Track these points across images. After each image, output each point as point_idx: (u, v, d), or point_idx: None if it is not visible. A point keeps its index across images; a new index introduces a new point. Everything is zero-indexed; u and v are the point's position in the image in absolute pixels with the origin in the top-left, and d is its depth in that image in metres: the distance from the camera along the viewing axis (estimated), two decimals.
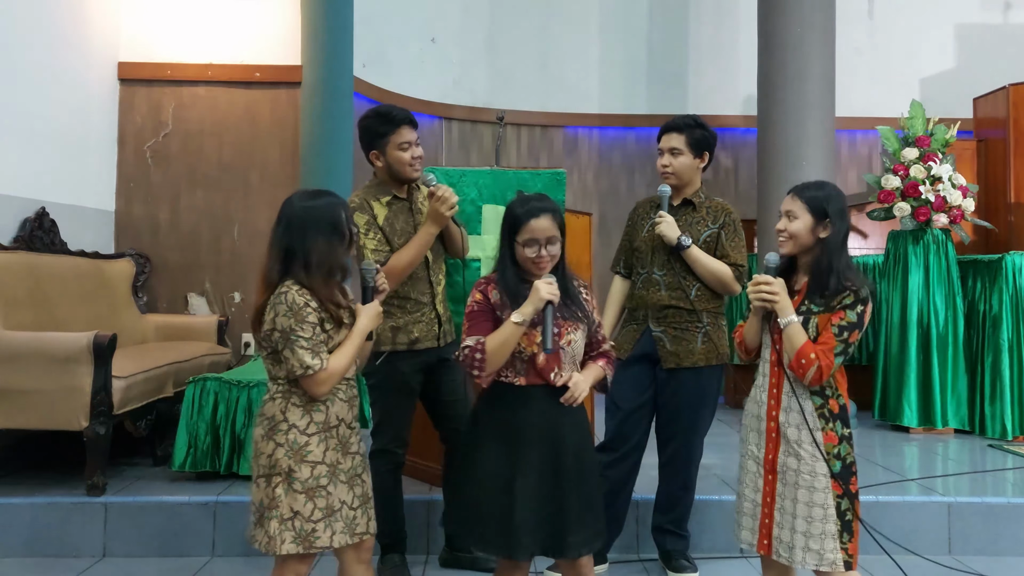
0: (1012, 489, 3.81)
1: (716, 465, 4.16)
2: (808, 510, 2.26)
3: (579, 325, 2.36)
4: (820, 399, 2.31)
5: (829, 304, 2.29)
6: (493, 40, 6.99)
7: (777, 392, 2.34)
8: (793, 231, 2.33)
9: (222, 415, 3.72)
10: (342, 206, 2.29)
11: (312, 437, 2.23)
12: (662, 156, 3.19)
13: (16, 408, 3.43)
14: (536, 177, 3.67)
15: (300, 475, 2.21)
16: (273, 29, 5.49)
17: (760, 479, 2.36)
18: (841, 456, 2.29)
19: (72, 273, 4.36)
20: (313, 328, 2.19)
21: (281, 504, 2.20)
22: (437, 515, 3.37)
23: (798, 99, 5.28)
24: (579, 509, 2.28)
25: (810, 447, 2.27)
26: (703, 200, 3.19)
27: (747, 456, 2.42)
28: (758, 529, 2.35)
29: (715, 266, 3.06)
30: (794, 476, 2.28)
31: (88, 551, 3.38)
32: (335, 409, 2.28)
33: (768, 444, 2.35)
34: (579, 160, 7.09)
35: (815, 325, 2.29)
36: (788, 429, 2.31)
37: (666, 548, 3.23)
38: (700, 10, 7.18)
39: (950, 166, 5.18)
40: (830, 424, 2.30)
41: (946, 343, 5.05)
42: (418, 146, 3.02)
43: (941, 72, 7.11)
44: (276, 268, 2.24)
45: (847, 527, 2.27)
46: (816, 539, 2.25)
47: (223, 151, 5.49)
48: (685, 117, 3.22)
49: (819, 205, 2.32)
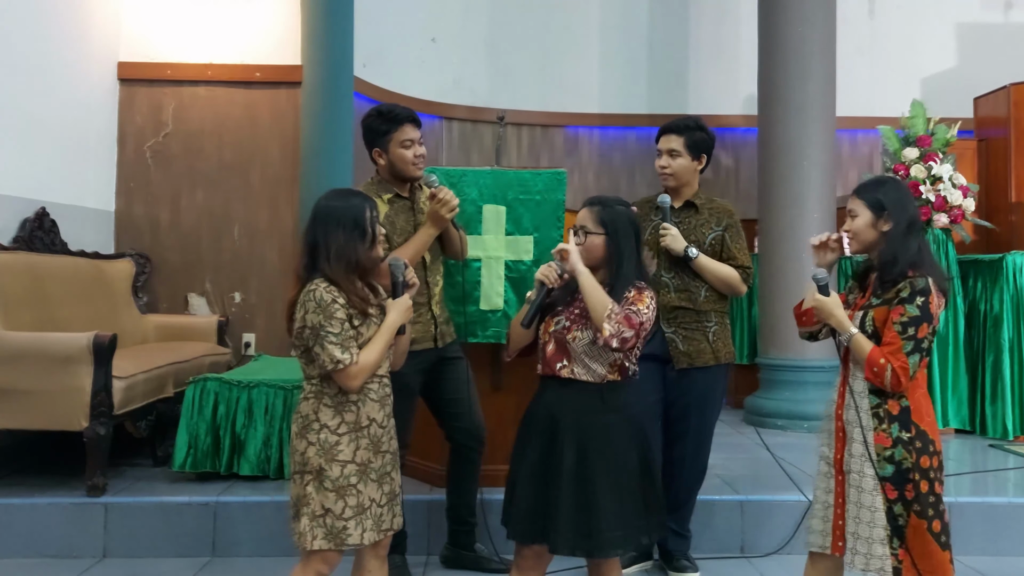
0: (1013, 489, 3.82)
1: (716, 465, 4.15)
2: (856, 510, 2.24)
3: (589, 325, 2.35)
4: (876, 399, 2.26)
5: (886, 297, 2.26)
6: (493, 40, 6.99)
7: (843, 390, 2.34)
8: (855, 229, 2.33)
9: (222, 415, 3.71)
10: (369, 207, 2.34)
11: (343, 437, 2.27)
12: (660, 157, 3.19)
13: (16, 408, 3.43)
14: (537, 177, 3.66)
15: (331, 474, 2.25)
16: (273, 29, 5.48)
17: (831, 479, 2.33)
18: (895, 460, 2.21)
19: (72, 273, 4.36)
20: (342, 324, 2.24)
21: (312, 501, 2.25)
22: (437, 515, 3.37)
23: (799, 99, 5.27)
24: (573, 509, 2.27)
25: (860, 446, 2.25)
26: (704, 202, 3.19)
27: (820, 457, 2.40)
28: (831, 531, 2.31)
29: (723, 272, 3.07)
30: (847, 473, 2.28)
31: (88, 552, 3.38)
32: (366, 409, 2.31)
33: (836, 443, 2.33)
34: (580, 160, 7.09)
35: (871, 319, 2.26)
36: (848, 427, 2.29)
37: (667, 548, 3.23)
38: (701, 10, 7.17)
39: (951, 166, 5.18)
40: (883, 425, 2.24)
41: (947, 343, 5.05)
42: (421, 145, 3.03)
43: (942, 72, 7.10)
44: (304, 263, 2.31)
45: (899, 533, 2.19)
46: (864, 541, 2.22)
47: (223, 151, 5.48)
48: (685, 119, 3.22)
49: (876, 199, 2.31)
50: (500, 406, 3.46)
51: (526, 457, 2.36)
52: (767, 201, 5.40)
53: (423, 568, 3.29)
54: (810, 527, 2.39)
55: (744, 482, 3.79)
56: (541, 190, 3.62)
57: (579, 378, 2.35)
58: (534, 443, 2.36)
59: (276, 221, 5.48)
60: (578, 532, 2.28)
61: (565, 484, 2.29)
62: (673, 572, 3.20)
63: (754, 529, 3.50)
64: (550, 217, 3.49)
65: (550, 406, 2.37)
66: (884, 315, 2.24)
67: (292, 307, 2.30)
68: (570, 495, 2.28)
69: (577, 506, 2.28)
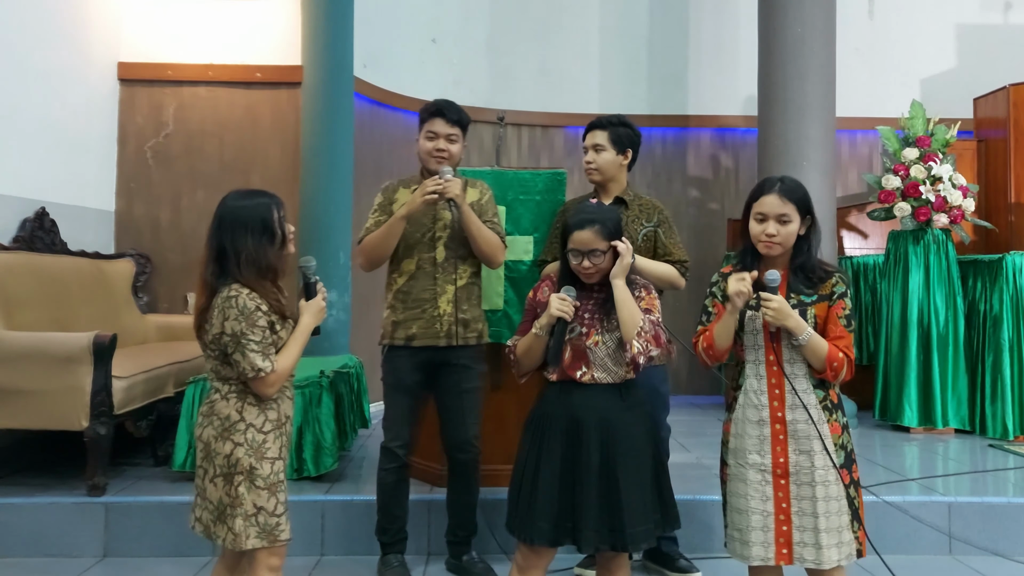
0: (1013, 489, 3.81)
1: (715, 465, 4.16)
2: (825, 505, 2.23)
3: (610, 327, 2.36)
4: (822, 391, 2.30)
5: (819, 292, 2.29)
6: (493, 40, 6.99)
7: (780, 392, 2.29)
8: (786, 235, 2.27)
9: None
10: (274, 206, 2.29)
11: (269, 435, 2.28)
12: (586, 153, 3.21)
13: (17, 408, 3.43)
14: (537, 177, 3.67)
15: (261, 472, 2.25)
16: (273, 29, 5.49)
17: (768, 487, 2.27)
18: (844, 445, 2.29)
19: (72, 273, 4.36)
20: (263, 331, 2.23)
21: (245, 501, 2.23)
22: (437, 515, 3.37)
23: (798, 99, 5.27)
24: (599, 507, 2.29)
25: (818, 442, 2.25)
26: (633, 198, 3.20)
27: (747, 467, 2.29)
28: (773, 541, 2.25)
29: (661, 270, 3.07)
30: (808, 474, 2.24)
31: (89, 551, 3.38)
32: (284, 407, 2.34)
33: (776, 448, 2.27)
34: (579, 160, 7.02)
35: (813, 315, 2.27)
36: (797, 427, 2.26)
37: (661, 551, 3.21)
38: (700, 10, 7.17)
39: (950, 166, 5.18)
40: (833, 415, 2.30)
41: (946, 343, 5.05)
42: (452, 142, 3.04)
43: (941, 72, 7.10)
44: (211, 268, 2.26)
45: (855, 515, 2.26)
46: (834, 533, 2.22)
47: (224, 151, 5.49)
48: (609, 116, 3.24)
49: (806, 204, 2.31)
50: (500, 406, 3.46)
51: (545, 461, 2.34)
52: None
53: (423, 568, 3.29)
54: (748, 542, 2.27)
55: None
56: (541, 190, 3.63)
57: (600, 382, 2.36)
58: (553, 446, 2.34)
59: None
60: (606, 528, 2.29)
61: (593, 484, 2.29)
62: (675, 574, 3.18)
63: None
64: (550, 217, 3.49)
65: (571, 409, 2.35)
66: (824, 311, 2.28)
67: (203, 313, 2.26)
68: (597, 494, 2.29)
69: (605, 504, 2.29)
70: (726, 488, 2.40)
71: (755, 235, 2.30)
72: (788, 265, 2.33)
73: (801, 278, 2.30)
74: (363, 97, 5.87)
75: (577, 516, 2.29)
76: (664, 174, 7.07)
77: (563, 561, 2.99)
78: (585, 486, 2.30)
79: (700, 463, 4.24)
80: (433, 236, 3.04)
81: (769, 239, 2.27)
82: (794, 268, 2.31)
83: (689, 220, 6.96)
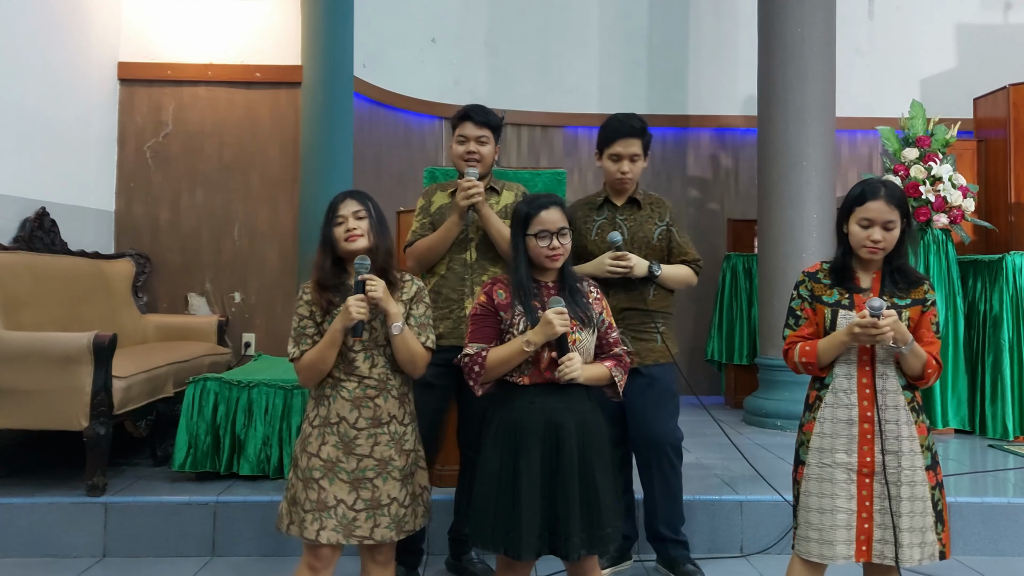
0: (1013, 489, 3.81)
1: (716, 465, 4.17)
2: (911, 505, 2.24)
3: (587, 320, 2.35)
4: (910, 393, 2.30)
5: (911, 296, 2.31)
6: (493, 40, 6.99)
7: (870, 392, 2.29)
8: (891, 240, 2.28)
9: (222, 415, 3.72)
10: (332, 205, 2.43)
11: (315, 430, 2.34)
12: (620, 162, 3.09)
13: (16, 408, 3.43)
14: (536, 177, 3.67)
15: (301, 463, 2.33)
16: (273, 29, 5.49)
17: (853, 486, 2.28)
18: (930, 447, 2.30)
19: (72, 273, 4.36)
20: (300, 319, 2.36)
21: (290, 487, 2.34)
22: (437, 515, 3.35)
23: (798, 99, 5.27)
24: (581, 510, 2.25)
25: (908, 442, 2.26)
26: (643, 197, 3.18)
27: (834, 467, 2.29)
28: (855, 539, 2.27)
29: (681, 274, 3.12)
30: (895, 474, 2.25)
31: (88, 551, 3.38)
32: (336, 406, 2.33)
33: (863, 447, 2.28)
34: (579, 160, 7.08)
35: (907, 319, 2.28)
36: (887, 427, 2.27)
37: (669, 554, 3.18)
38: (700, 10, 7.17)
39: (950, 166, 5.18)
40: (920, 417, 2.30)
41: (947, 343, 5.05)
42: (482, 144, 3.03)
43: (941, 72, 7.11)
44: None
45: (939, 517, 2.27)
46: (917, 533, 2.23)
47: (223, 151, 5.49)
48: (635, 118, 3.12)
49: (906, 208, 2.31)
50: None
51: (524, 470, 2.24)
52: (767, 202, 5.41)
53: (422, 569, 3.29)
54: (829, 540, 2.27)
55: (744, 482, 3.79)
56: (541, 190, 3.62)
57: (576, 382, 2.31)
58: (531, 455, 2.26)
59: (276, 221, 5.48)
60: (586, 533, 2.26)
61: (574, 490, 2.26)
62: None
63: (754, 529, 3.50)
64: None
65: (549, 413, 2.29)
66: (917, 316, 2.30)
67: None
68: (578, 498, 2.26)
69: (584, 507, 2.27)
70: (801, 487, 2.37)
71: (859, 240, 2.29)
72: (883, 268, 2.33)
73: (899, 280, 2.31)
74: (363, 97, 5.88)
75: (560, 526, 2.24)
76: (664, 174, 7.08)
77: (552, 565, 2.98)
78: (568, 493, 2.25)
79: (700, 463, 4.24)
80: (466, 238, 3.04)
81: (874, 245, 2.27)
82: (891, 271, 2.32)
83: (689, 220, 6.96)
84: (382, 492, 2.32)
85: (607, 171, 3.14)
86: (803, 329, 2.38)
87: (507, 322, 2.33)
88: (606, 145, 3.11)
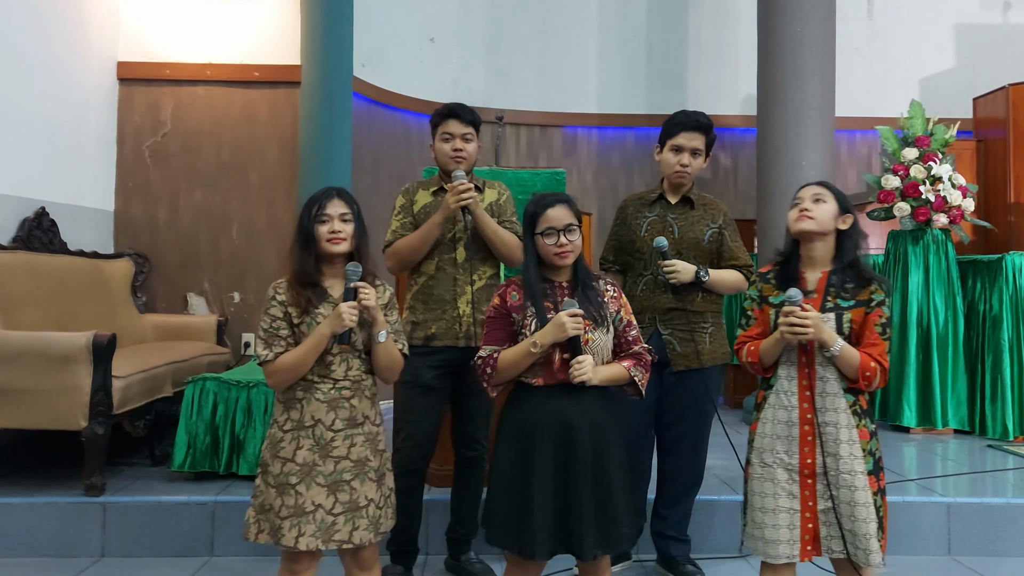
0: (1012, 489, 3.81)
1: (716, 465, 4.16)
2: (851, 510, 2.23)
3: (600, 319, 2.33)
4: (852, 396, 2.29)
5: (857, 298, 2.28)
6: (492, 40, 6.98)
7: (810, 394, 2.29)
8: (820, 212, 2.30)
9: (221, 415, 3.71)
10: (310, 203, 2.33)
11: (287, 434, 2.28)
12: (681, 154, 3.07)
13: (15, 408, 3.43)
14: (536, 177, 3.67)
15: (272, 469, 2.27)
16: (272, 29, 5.49)
17: (795, 485, 2.28)
18: (872, 452, 2.28)
19: (71, 273, 4.36)
20: (272, 320, 2.27)
21: (259, 494, 2.28)
22: (436, 515, 3.37)
23: (797, 99, 5.27)
24: (595, 510, 2.25)
25: (848, 446, 2.25)
26: (697, 197, 3.17)
27: (775, 466, 2.31)
28: (798, 539, 2.27)
29: (731, 280, 3.07)
30: (835, 476, 2.25)
31: (86, 551, 3.38)
32: (310, 408, 2.28)
33: (804, 448, 2.28)
34: (578, 160, 7.08)
35: (848, 320, 2.27)
36: (826, 429, 2.27)
37: (670, 554, 3.19)
38: (699, 10, 7.17)
39: (950, 166, 5.18)
40: (863, 420, 2.28)
41: (946, 343, 5.05)
42: (467, 141, 3.02)
43: (941, 72, 7.10)
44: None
45: (880, 523, 2.25)
46: (862, 539, 2.22)
47: (222, 151, 5.48)
48: (702, 115, 3.11)
49: (844, 200, 2.35)
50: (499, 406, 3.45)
51: (537, 470, 2.25)
52: (765, 201, 5.40)
53: (422, 569, 3.29)
54: (772, 539, 2.28)
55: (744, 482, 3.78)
56: (540, 190, 3.62)
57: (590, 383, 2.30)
58: (544, 455, 2.26)
59: (274, 221, 5.48)
60: (601, 533, 2.25)
61: (588, 491, 2.25)
62: None
63: None
64: None
65: (562, 414, 2.27)
66: (860, 317, 2.28)
67: None
68: (592, 498, 2.25)
69: (599, 508, 2.26)
70: (748, 487, 2.39)
71: (791, 217, 2.34)
72: (833, 265, 2.33)
73: (850, 277, 2.30)
74: (361, 96, 5.87)
75: (574, 525, 2.24)
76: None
77: (561, 562, 2.98)
78: (582, 494, 2.24)
79: None
80: (454, 237, 3.03)
81: (803, 213, 2.31)
82: (842, 268, 2.32)
83: None
84: (359, 494, 2.29)
85: (666, 163, 3.12)
86: (752, 329, 2.42)
87: (519, 323, 2.33)
88: (668, 136, 3.10)
